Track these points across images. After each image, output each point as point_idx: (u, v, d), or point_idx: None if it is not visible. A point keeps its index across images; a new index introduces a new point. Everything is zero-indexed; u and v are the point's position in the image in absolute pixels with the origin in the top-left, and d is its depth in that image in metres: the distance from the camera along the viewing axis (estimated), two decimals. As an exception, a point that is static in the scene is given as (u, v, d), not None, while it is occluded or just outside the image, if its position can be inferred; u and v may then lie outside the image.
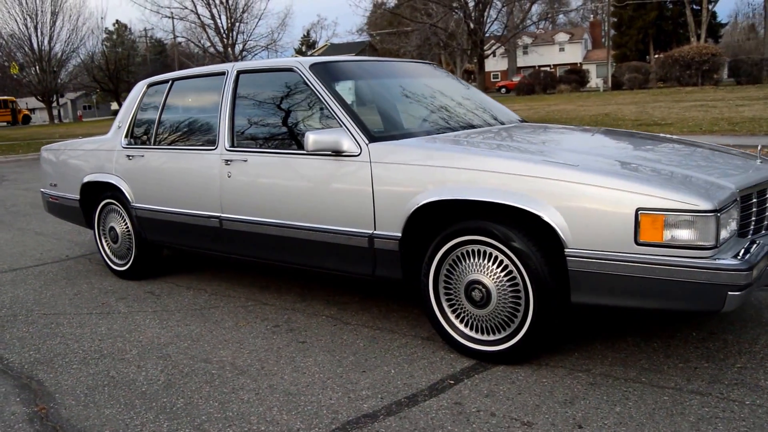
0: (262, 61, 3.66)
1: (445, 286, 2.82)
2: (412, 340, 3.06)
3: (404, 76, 3.76)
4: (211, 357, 3.00)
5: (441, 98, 3.72)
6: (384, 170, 2.88)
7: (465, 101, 3.83)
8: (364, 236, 2.97)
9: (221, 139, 3.58)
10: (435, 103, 3.64)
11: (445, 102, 3.70)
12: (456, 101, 3.77)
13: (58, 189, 4.82)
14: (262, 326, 3.37)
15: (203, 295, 3.99)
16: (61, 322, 3.63)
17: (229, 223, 3.54)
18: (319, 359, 2.90)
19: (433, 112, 3.52)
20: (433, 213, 2.81)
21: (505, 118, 3.81)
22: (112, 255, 4.52)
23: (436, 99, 3.69)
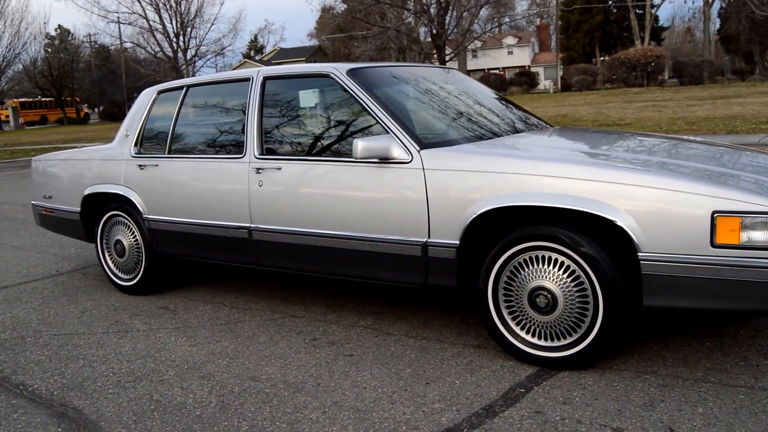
0: (291, 67, 3.53)
1: (506, 293, 2.77)
2: (463, 349, 2.99)
3: (434, 81, 3.69)
4: (257, 375, 2.86)
5: (474, 103, 3.67)
6: (440, 177, 2.81)
7: (496, 105, 3.79)
8: (417, 245, 2.88)
9: (249, 147, 3.44)
10: (471, 107, 3.59)
11: (479, 106, 3.65)
12: (488, 105, 3.73)
13: (54, 201, 4.55)
14: (300, 340, 3.24)
15: (223, 308, 3.82)
16: (77, 343, 3.42)
17: (260, 234, 3.40)
18: (374, 372, 2.80)
19: (472, 116, 3.46)
20: (491, 219, 2.75)
21: (535, 121, 3.80)
22: (117, 270, 4.29)
23: (471, 103, 3.64)
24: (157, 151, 3.95)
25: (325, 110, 3.36)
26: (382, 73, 3.44)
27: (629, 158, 2.77)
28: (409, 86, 3.49)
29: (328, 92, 3.33)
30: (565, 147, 3.08)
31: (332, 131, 3.28)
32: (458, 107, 3.52)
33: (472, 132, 3.20)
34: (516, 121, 3.64)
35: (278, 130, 3.44)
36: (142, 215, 3.95)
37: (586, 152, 2.99)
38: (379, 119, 3.02)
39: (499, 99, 4.01)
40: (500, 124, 3.47)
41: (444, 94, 3.59)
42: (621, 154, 2.95)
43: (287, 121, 3.44)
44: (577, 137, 3.42)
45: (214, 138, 3.75)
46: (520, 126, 3.55)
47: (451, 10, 18.10)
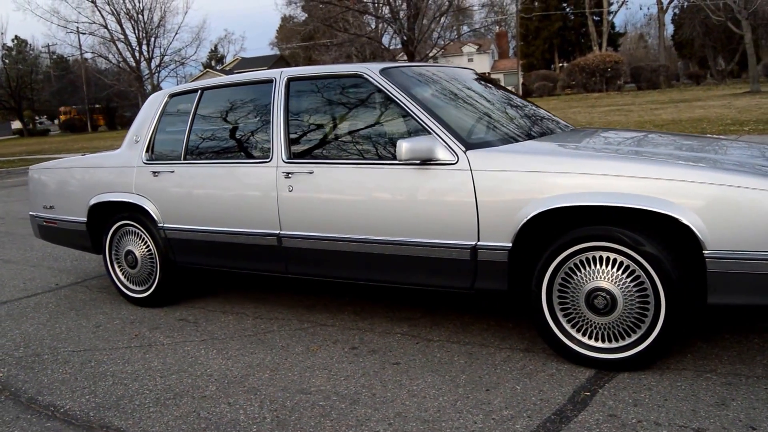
0: (318, 68, 3.43)
1: (560, 295, 2.73)
2: (511, 353, 2.94)
3: (460, 81, 3.64)
4: (306, 387, 2.75)
5: (502, 103, 3.63)
6: (490, 179, 2.75)
7: (520, 104, 3.76)
8: (466, 248, 2.82)
9: (276, 151, 3.32)
10: (500, 107, 3.54)
11: (508, 106, 3.61)
12: (515, 105, 3.70)
13: (56, 212, 4.34)
14: (338, 349, 3.14)
15: (246, 319, 3.69)
16: (100, 359, 3.24)
17: (290, 241, 3.28)
18: (428, 380, 2.72)
19: (504, 117, 3.42)
20: (544, 220, 2.71)
21: (561, 122, 3.79)
22: (128, 281, 4.11)
23: (498, 103, 3.60)
24: (171, 157, 3.80)
25: (356, 111, 3.27)
26: (414, 73, 3.37)
27: (681, 156, 2.77)
28: (439, 86, 3.43)
29: (359, 93, 3.25)
30: (611, 145, 3.07)
31: (366, 133, 3.20)
32: (488, 107, 3.47)
33: (511, 132, 3.16)
34: (545, 120, 3.62)
35: (307, 132, 3.34)
36: (156, 224, 3.79)
37: (635, 150, 2.98)
38: (420, 120, 2.95)
39: (520, 99, 3.99)
40: (531, 124, 3.44)
41: (472, 94, 3.55)
42: (668, 151, 2.95)
43: (316, 123, 3.34)
44: (613, 136, 3.42)
45: (234, 142, 3.62)
46: (551, 126, 3.54)
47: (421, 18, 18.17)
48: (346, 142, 3.23)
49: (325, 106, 3.37)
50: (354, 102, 3.28)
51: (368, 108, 3.23)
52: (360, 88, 3.23)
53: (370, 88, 3.17)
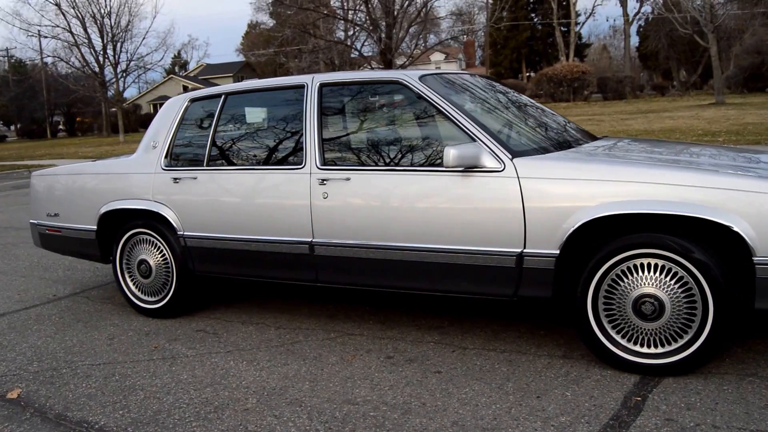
0: (353, 74, 3.39)
1: (606, 301, 2.74)
2: (552, 360, 2.94)
3: (491, 89, 3.64)
4: (351, 397, 2.69)
5: (534, 111, 3.65)
6: (537, 186, 2.75)
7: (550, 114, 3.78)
8: (511, 255, 2.81)
9: (310, 157, 3.27)
10: (533, 116, 3.56)
11: (541, 115, 3.63)
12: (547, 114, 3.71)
13: (62, 220, 4.19)
14: (373, 358, 3.09)
15: (268, 329, 3.61)
16: (123, 372, 3.13)
17: (324, 249, 3.23)
18: (475, 388, 2.70)
19: (540, 125, 3.42)
20: (590, 227, 2.72)
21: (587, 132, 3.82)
22: (140, 292, 3.99)
23: (531, 112, 3.61)
24: (193, 163, 3.71)
25: (393, 118, 3.24)
26: (448, 80, 3.36)
27: (723, 164, 2.82)
28: (472, 93, 3.43)
29: (397, 99, 3.22)
30: (653, 154, 3.10)
31: (404, 140, 3.17)
32: (521, 115, 3.48)
33: (549, 140, 3.17)
34: (575, 130, 3.64)
35: (342, 139, 3.29)
36: (176, 232, 3.69)
37: (678, 159, 3.02)
38: (464, 128, 2.94)
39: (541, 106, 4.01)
40: (566, 133, 3.46)
41: (506, 102, 3.55)
42: (707, 160, 2.99)
43: (351, 129, 3.31)
44: (650, 145, 3.45)
45: (263, 148, 3.55)
46: (580, 135, 3.56)
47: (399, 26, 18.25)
48: (384, 149, 3.20)
49: (359, 112, 3.33)
50: (391, 109, 3.25)
51: (406, 115, 3.21)
52: (397, 94, 3.21)
53: (408, 94, 3.14)
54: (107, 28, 30.56)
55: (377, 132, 3.28)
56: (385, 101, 3.28)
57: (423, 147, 3.12)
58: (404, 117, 3.22)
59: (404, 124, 3.22)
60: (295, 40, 26.63)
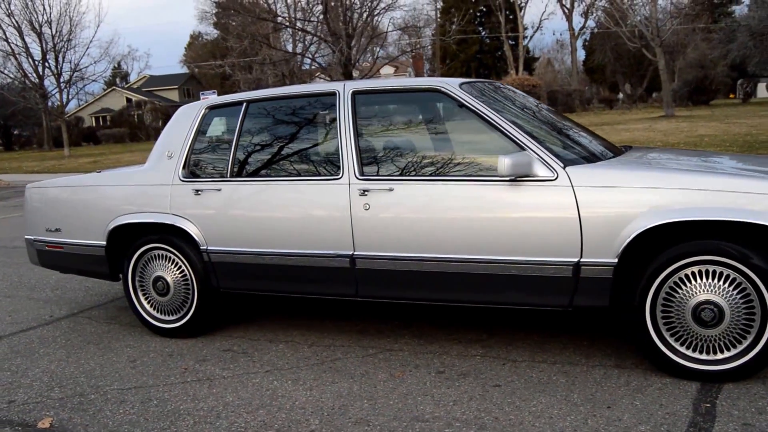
0: (387, 81, 3.33)
1: (663, 308, 2.75)
2: (606, 370, 2.93)
3: (523, 98, 3.64)
4: (419, 415, 2.61)
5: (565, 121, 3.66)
6: (593, 195, 2.75)
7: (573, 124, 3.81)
8: (568, 265, 2.80)
9: (347, 168, 3.18)
10: (566, 125, 3.56)
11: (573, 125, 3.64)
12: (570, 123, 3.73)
13: (64, 235, 3.95)
14: (424, 374, 3.02)
15: (301, 347, 3.49)
16: (160, 396, 2.96)
17: (366, 262, 3.14)
18: (542, 401, 2.66)
19: (576, 134, 3.43)
20: (646, 235, 2.73)
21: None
22: (156, 310, 3.79)
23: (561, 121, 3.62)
24: (216, 174, 3.56)
25: (433, 126, 3.20)
26: (484, 88, 3.34)
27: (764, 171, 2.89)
28: (511, 102, 3.41)
29: (437, 108, 3.18)
30: (702, 162, 3.14)
31: (446, 148, 3.12)
32: (556, 124, 3.48)
33: (590, 149, 3.18)
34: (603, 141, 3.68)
35: (381, 148, 3.22)
36: (198, 247, 3.53)
37: (726, 167, 3.08)
38: (513, 137, 2.92)
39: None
40: (598, 142, 3.48)
41: (536, 110, 3.55)
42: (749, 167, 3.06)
43: (389, 137, 3.24)
44: (685, 154, 3.50)
45: (293, 158, 3.44)
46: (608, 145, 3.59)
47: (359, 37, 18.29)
48: (425, 158, 3.14)
49: (396, 120, 3.27)
50: (430, 117, 3.20)
51: (447, 123, 3.17)
52: (437, 102, 3.16)
53: (448, 102, 3.10)
54: (47, 37, 29.37)
55: (416, 140, 3.23)
56: (422, 109, 3.23)
57: (467, 156, 3.08)
58: (444, 125, 3.19)
59: (444, 132, 3.18)
60: (244, 52, 26.25)
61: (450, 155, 3.12)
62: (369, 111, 3.28)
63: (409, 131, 3.26)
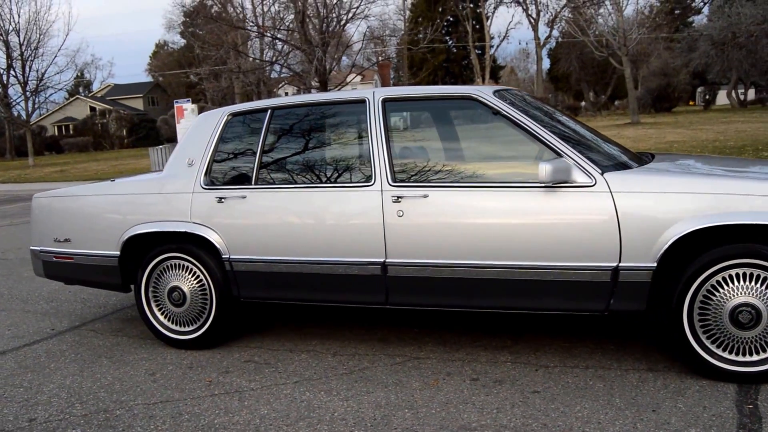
0: (416, 89, 3.31)
1: (700, 311, 2.79)
2: (641, 373, 2.95)
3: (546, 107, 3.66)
4: (465, 423, 2.59)
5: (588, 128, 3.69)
6: (631, 201, 2.78)
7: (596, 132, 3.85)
8: (606, 270, 2.82)
9: (379, 174, 3.15)
10: (594, 133, 3.59)
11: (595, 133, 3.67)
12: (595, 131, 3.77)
13: (74, 245, 3.81)
14: (458, 381, 2.99)
15: (324, 356, 3.43)
16: (191, 410, 2.87)
17: (398, 269, 3.10)
18: (586, 406, 2.67)
19: (604, 142, 3.45)
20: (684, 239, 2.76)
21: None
22: (170, 321, 3.69)
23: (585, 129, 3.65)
24: (240, 182, 3.48)
25: (466, 134, 3.19)
26: (514, 97, 3.35)
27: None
28: (542, 110, 3.42)
29: (470, 115, 3.17)
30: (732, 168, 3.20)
31: (480, 155, 3.13)
32: (585, 131, 3.51)
33: (621, 156, 3.21)
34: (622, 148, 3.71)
35: (413, 155, 3.20)
36: (220, 256, 3.44)
37: (757, 171, 3.14)
38: (550, 144, 2.93)
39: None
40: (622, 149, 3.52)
41: (564, 119, 3.57)
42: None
43: (422, 144, 3.22)
44: (713, 160, 3.56)
45: (321, 165, 3.39)
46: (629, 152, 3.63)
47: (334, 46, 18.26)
48: (459, 165, 3.13)
49: (427, 127, 3.26)
50: (462, 124, 3.19)
51: (479, 130, 3.17)
52: (471, 110, 3.16)
53: (482, 110, 3.10)
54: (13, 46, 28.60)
55: (448, 147, 3.22)
56: (455, 116, 3.22)
57: (501, 162, 3.09)
58: (477, 133, 3.18)
59: (477, 139, 3.18)
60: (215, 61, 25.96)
61: (484, 162, 3.12)
62: (400, 118, 3.25)
63: (441, 138, 3.25)
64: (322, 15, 16.94)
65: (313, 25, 17.75)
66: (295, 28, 19.42)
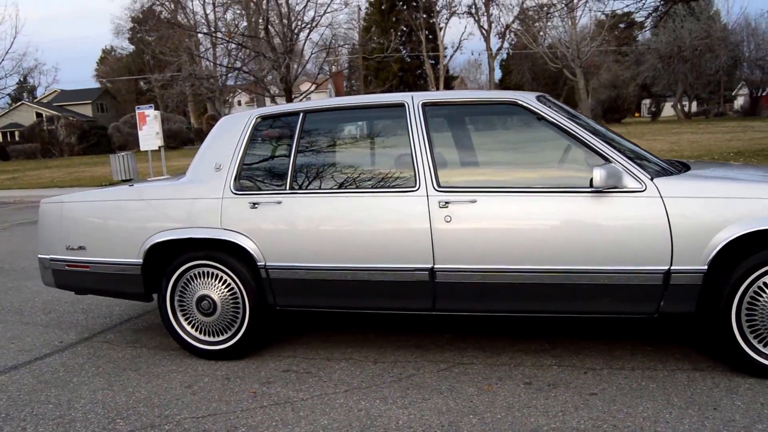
0: (456, 93, 3.32)
1: (748, 312, 2.88)
2: (689, 373, 3.02)
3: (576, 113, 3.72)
4: (536, 428, 2.59)
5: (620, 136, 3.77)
6: (682, 205, 2.86)
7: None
8: (658, 273, 2.88)
9: (423, 180, 3.13)
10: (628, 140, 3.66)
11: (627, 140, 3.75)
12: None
13: (90, 253, 3.64)
14: (512, 386, 3.00)
15: (365, 364, 3.38)
16: (246, 423, 2.78)
17: (447, 275, 3.09)
18: (649, 406, 2.71)
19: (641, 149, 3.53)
20: (733, 243, 2.85)
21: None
22: (198, 331, 3.56)
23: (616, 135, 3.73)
24: (273, 187, 3.40)
25: (510, 138, 3.21)
26: (555, 102, 3.39)
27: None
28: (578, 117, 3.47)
29: (513, 120, 3.20)
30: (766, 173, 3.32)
31: (525, 161, 3.15)
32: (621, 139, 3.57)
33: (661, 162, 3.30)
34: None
35: (456, 160, 3.20)
36: (255, 263, 3.35)
37: None
38: (598, 149, 2.98)
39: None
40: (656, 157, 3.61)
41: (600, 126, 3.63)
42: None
43: (465, 150, 3.23)
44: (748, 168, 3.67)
45: (360, 169, 3.35)
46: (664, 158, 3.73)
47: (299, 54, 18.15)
48: (505, 170, 3.15)
49: (470, 132, 3.27)
50: (506, 129, 3.22)
51: (524, 135, 3.19)
52: (514, 115, 3.18)
53: (525, 116, 3.13)
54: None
55: (492, 152, 3.25)
56: (498, 121, 3.25)
57: (545, 168, 3.12)
58: (521, 138, 3.21)
59: (520, 144, 3.20)
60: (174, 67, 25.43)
61: (528, 167, 3.15)
62: (442, 123, 3.25)
63: (485, 143, 3.27)
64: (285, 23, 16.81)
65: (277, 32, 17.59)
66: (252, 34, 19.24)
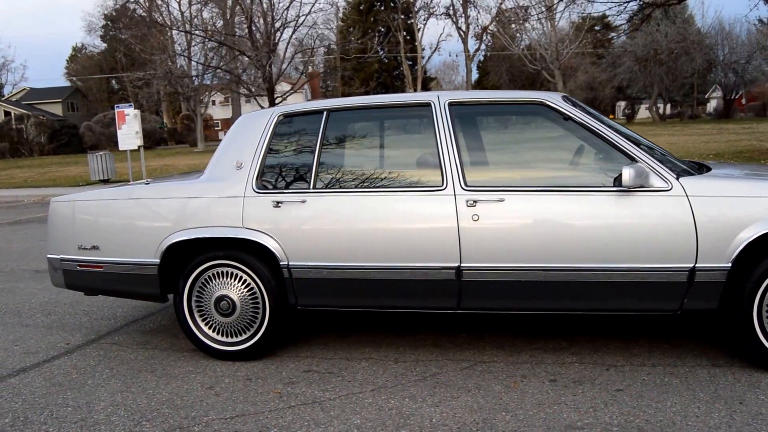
0: (482, 93, 3.33)
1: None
2: (709, 369, 3.07)
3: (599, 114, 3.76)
4: (571, 423, 2.61)
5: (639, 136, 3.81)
6: (708, 204, 2.91)
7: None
8: (683, 271, 2.93)
9: (451, 179, 3.14)
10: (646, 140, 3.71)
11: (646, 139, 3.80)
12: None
13: (104, 253, 3.58)
14: (537, 383, 3.02)
15: (386, 363, 3.38)
16: (277, 423, 2.75)
17: (474, 274, 3.10)
18: (676, 401, 2.76)
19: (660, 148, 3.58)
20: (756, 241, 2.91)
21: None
22: (216, 332, 3.52)
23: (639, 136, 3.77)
24: (297, 185, 3.38)
25: (536, 138, 3.24)
26: (578, 102, 3.42)
27: None
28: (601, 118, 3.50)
29: (539, 120, 3.22)
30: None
31: (552, 160, 3.19)
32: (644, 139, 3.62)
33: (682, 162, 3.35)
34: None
35: (483, 159, 3.22)
36: (278, 262, 3.32)
37: None
38: (625, 149, 3.02)
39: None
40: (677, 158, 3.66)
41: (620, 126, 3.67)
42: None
43: (492, 149, 3.24)
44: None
45: (386, 168, 3.34)
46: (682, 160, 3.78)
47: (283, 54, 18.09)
48: (533, 169, 3.18)
49: (497, 132, 3.29)
50: (532, 129, 3.24)
51: (550, 135, 3.22)
52: (539, 115, 3.21)
53: (552, 115, 3.16)
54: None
55: (519, 151, 3.27)
56: (524, 122, 3.27)
57: (572, 166, 3.15)
58: (548, 137, 3.24)
59: (547, 143, 3.23)
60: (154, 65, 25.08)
61: (554, 166, 3.18)
62: (468, 123, 3.27)
63: (512, 142, 3.29)
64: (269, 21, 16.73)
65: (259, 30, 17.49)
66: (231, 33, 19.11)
